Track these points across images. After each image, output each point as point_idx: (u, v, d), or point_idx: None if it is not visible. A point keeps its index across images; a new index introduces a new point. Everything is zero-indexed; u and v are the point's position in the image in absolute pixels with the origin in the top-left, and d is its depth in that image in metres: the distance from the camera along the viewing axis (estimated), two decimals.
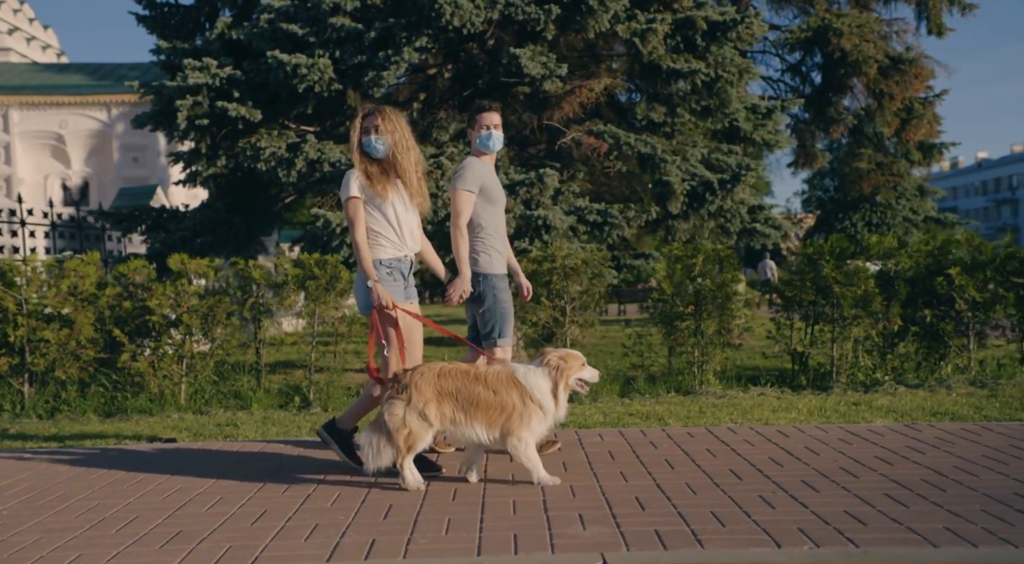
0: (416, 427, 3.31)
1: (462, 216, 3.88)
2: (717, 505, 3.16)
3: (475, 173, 3.93)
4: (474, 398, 3.37)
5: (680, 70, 7.68)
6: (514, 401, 3.37)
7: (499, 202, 4.04)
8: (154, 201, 15.84)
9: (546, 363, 3.47)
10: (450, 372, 3.43)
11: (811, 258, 6.89)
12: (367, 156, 3.64)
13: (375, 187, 3.58)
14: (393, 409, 3.34)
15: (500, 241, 4.02)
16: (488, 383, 3.40)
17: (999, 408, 5.36)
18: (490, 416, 3.37)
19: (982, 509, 3.01)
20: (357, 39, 7.07)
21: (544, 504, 3.23)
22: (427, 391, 3.35)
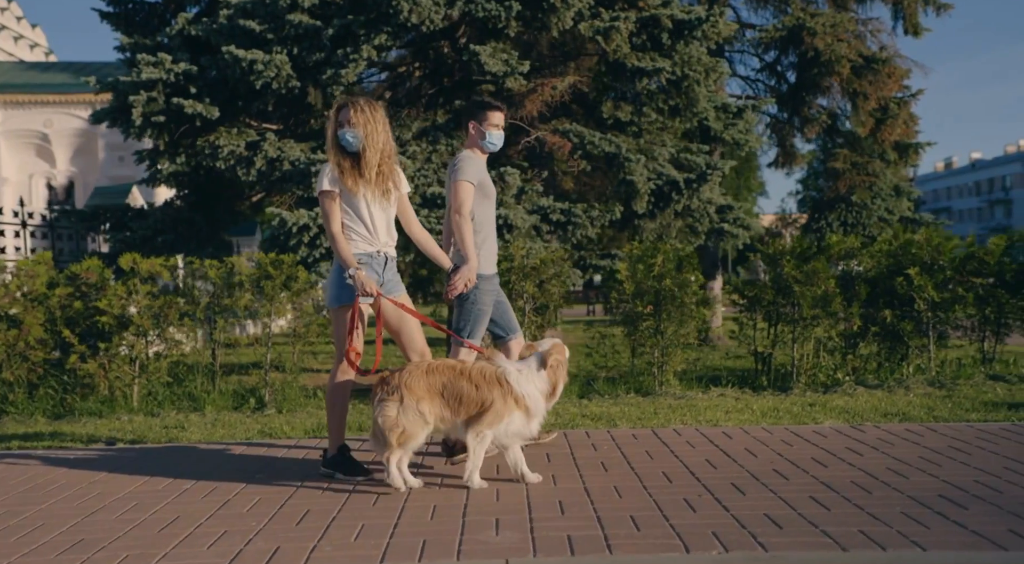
0: (410, 425, 3.28)
1: (465, 205, 3.83)
2: (639, 509, 3.11)
3: (475, 166, 3.90)
4: (459, 393, 3.35)
5: (645, 68, 7.64)
6: (493, 398, 3.34)
7: (491, 198, 4.00)
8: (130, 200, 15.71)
9: (546, 365, 3.45)
10: (438, 368, 3.40)
11: (772, 257, 6.86)
12: (342, 149, 3.60)
13: (345, 181, 3.54)
14: (386, 410, 3.31)
15: (492, 238, 3.97)
16: (472, 378, 3.37)
17: (951, 409, 5.34)
18: (470, 411, 3.35)
19: (902, 512, 2.98)
20: (316, 36, 7.00)
21: (465, 508, 3.17)
22: (418, 389, 3.32)
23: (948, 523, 2.85)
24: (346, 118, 3.56)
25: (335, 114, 3.60)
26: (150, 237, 7.96)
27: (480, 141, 3.95)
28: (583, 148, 7.66)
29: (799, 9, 11.90)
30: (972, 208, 63.81)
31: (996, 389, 6.06)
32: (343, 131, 3.57)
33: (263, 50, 6.91)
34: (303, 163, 7.07)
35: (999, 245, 6.67)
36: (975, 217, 61.85)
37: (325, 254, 7.00)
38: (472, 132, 3.98)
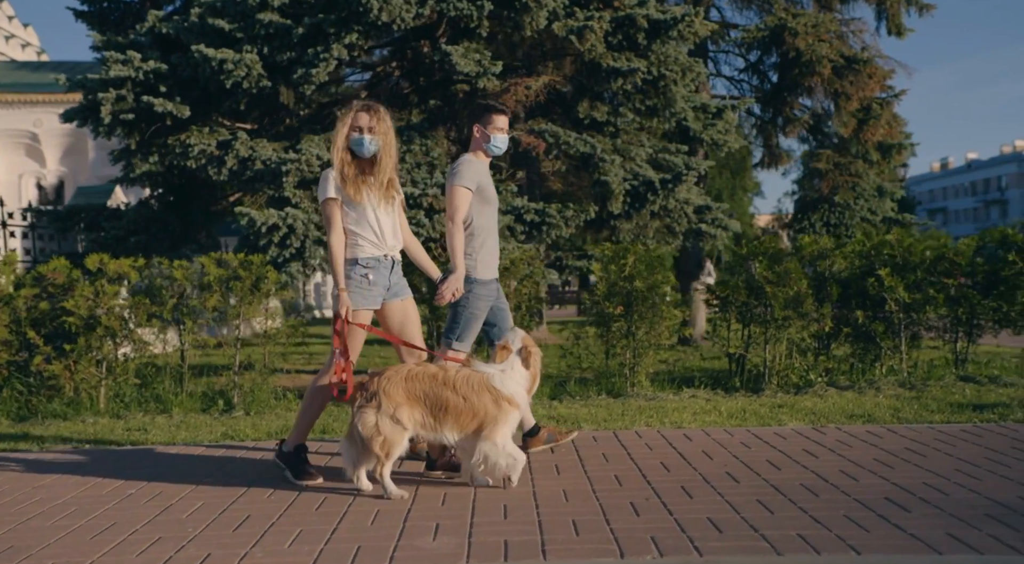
0: (390, 432, 3.24)
1: (459, 212, 3.80)
2: (583, 513, 3.08)
3: (473, 171, 3.84)
4: (443, 402, 3.31)
5: (620, 68, 7.61)
6: (487, 405, 3.32)
7: (492, 203, 3.95)
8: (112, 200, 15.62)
9: (526, 362, 3.46)
10: (418, 376, 3.36)
11: (744, 258, 6.85)
12: (351, 154, 3.55)
13: (348, 189, 3.51)
14: (364, 418, 3.27)
15: (492, 245, 3.93)
16: (457, 388, 3.34)
17: (916, 411, 5.32)
18: (461, 422, 3.32)
19: (845, 514, 2.95)
20: (286, 35, 6.95)
21: (408, 513, 3.14)
22: (396, 395, 3.28)
23: (888, 526, 2.83)
24: (366, 124, 3.52)
25: (351, 118, 3.54)
26: (123, 237, 7.90)
27: (485, 145, 3.92)
28: (558, 148, 7.63)
29: (781, 9, 11.91)
30: (968, 208, 63.95)
31: (965, 390, 6.05)
32: (361, 137, 3.53)
33: (233, 49, 6.86)
34: (274, 162, 7.02)
35: (970, 246, 6.66)
36: (971, 217, 61.99)
37: (295, 254, 6.96)
38: (476, 135, 3.93)
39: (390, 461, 3.30)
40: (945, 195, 68.66)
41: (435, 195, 7.06)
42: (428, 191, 7.06)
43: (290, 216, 6.72)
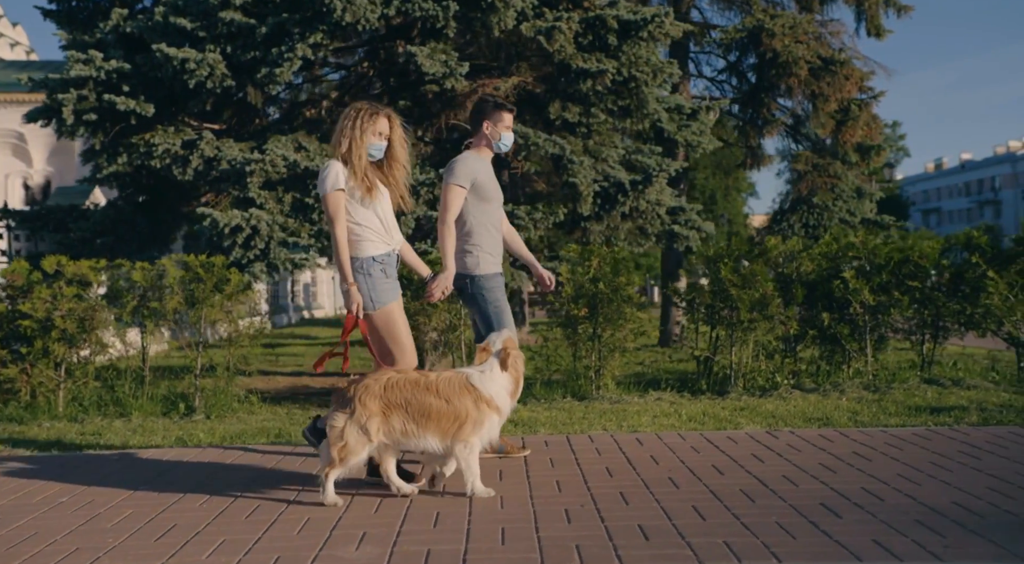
0: (353, 442, 3.18)
1: (450, 211, 3.75)
2: (515, 521, 3.04)
3: (468, 168, 3.79)
4: (425, 409, 3.24)
5: (589, 69, 7.58)
6: (468, 407, 3.26)
7: (493, 199, 3.89)
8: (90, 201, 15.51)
9: (505, 364, 3.39)
10: (398, 383, 3.29)
11: (711, 260, 6.83)
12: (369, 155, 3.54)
13: (361, 187, 3.47)
14: (334, 421, 3.22)
15: (492, 241, 3.87)
16: (440, 392, 3.28)
17: (874, 414, 5.31)
18: (443, 427, 3.25)
19: (777, 521, 2.93)
20: (249, 34, 6.89)
21: (337, 521, 3.10)
22: (372, 405, 3.21)
23: (816, 533, 2.80)
24: (384, 129, 3.52)
25: (370, 122, 3.50)
26: (89, 239, 7.82)
27: (495, 142, 3.89)
28: (527, 149, 7.59)
29: (760, 10, 11.90)
30: (962, 209, 64.14)
31: (928, 393, 6.04)
32: (380, 143, 3.52)
33: (196, 48, 6.80)
34: (240, 162, 6.96)
35: (935, 248, 6.66)
36: (964, 218, 62.17)
37: (259, 255, 6.91)
38: (486, 132, 3.88)
39: (342, 467, 3.24)
40: (939, 196, 68.89)
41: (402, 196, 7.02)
42: None
43: (254, 217, 6.67)
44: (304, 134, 7.59)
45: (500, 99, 4.12)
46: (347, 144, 3.51)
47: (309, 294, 32.82)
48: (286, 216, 6.93)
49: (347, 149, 3.51)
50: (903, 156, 55.22)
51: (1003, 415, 5.02)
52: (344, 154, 3.51)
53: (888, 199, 50.66)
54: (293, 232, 6.91)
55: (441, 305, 6.61)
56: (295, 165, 6.98)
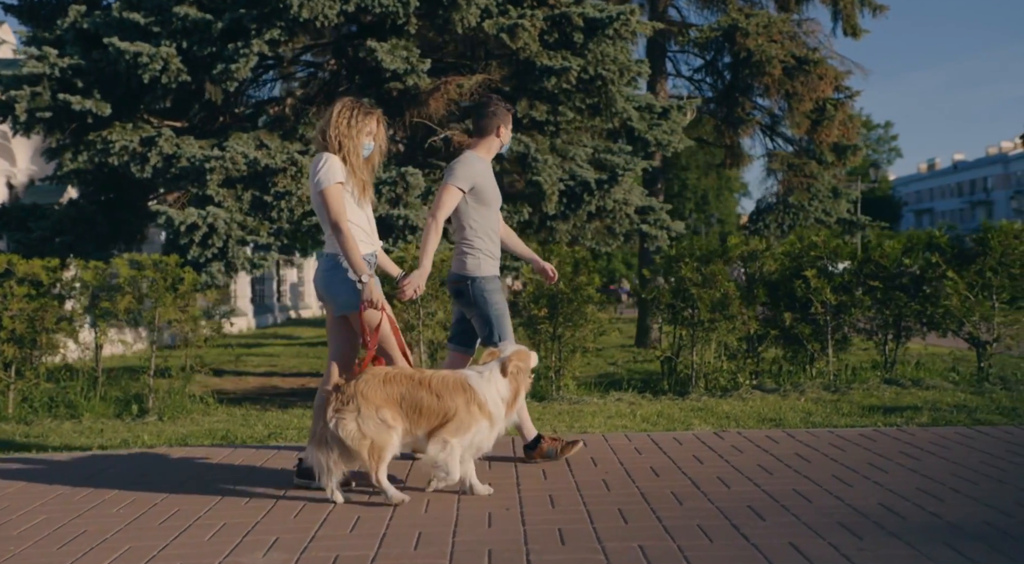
0: (376, 434, 3.09)
1: (442, 211, 3.68)
2: (433, 526, 2.98)
3: (470, 171, 3.71)
4: (417, 404, 3.17)
5: (553, 67, 7.53)
6: (457, 406, 3.18)
7: (493, 202, 3.83)
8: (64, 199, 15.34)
9: (506, 371, 3.30)
10: (395, 377, 3.22)
11: (673, 259, 6.79)
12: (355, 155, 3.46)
13: (356, 186, 3.41)
14: (346, 424, 3.10)
15: (492, 244, 3.81)
16: (432, 387, 3.20)
17: (828, 414, 5.28)
18: (431, 423, 3.18)
19: (698, 524, 2.88)
20: (205, 30, 6.80)
21: (254, 526, 3.03)
22: (375, 396, 3.14)
23: (735, 536, 2.75)
24: (374, 130, 3.49)
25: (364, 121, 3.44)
26: (49, 238, 7.71)
27: (504, 146, 3.89)
28: None
29: (736, 9, 11.89)
30: (954, 209, 64.35)
31: (886, 393, 6.02)
32: (371, 143, 3.48)
33: (151, 44, 6.70)
34: (199, 160, 6.87)
35: (896, 248, 6.63)
36: (957, 218, 62.34)
37: (217, 254, 6.81)
38: (499, 137, 3.84)
39: (383, 464, 3.13)
40: (932, 196, 69.11)
41: None
42: None
43: (211, 215, 6.58)
44: (266, 132, 7.50)
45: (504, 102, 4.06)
46: (342, 141, 3.41)
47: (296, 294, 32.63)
48: (245, 214, 6.84)
49: (341, 146, 3.42)
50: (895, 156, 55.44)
51: (953, 416, 5.00)
52: (335, 149, 3.42)
53: (880, 199, 50.91)
54: (252, 231, 6.82)
55: (399, 305, 6.54)
56: (256, 163, 6.89)
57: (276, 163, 6.78)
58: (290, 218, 6.89)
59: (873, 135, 54.16)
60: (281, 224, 6.89)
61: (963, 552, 2.55)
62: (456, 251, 3.81)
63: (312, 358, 13.66)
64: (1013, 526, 2.79)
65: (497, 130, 3.83)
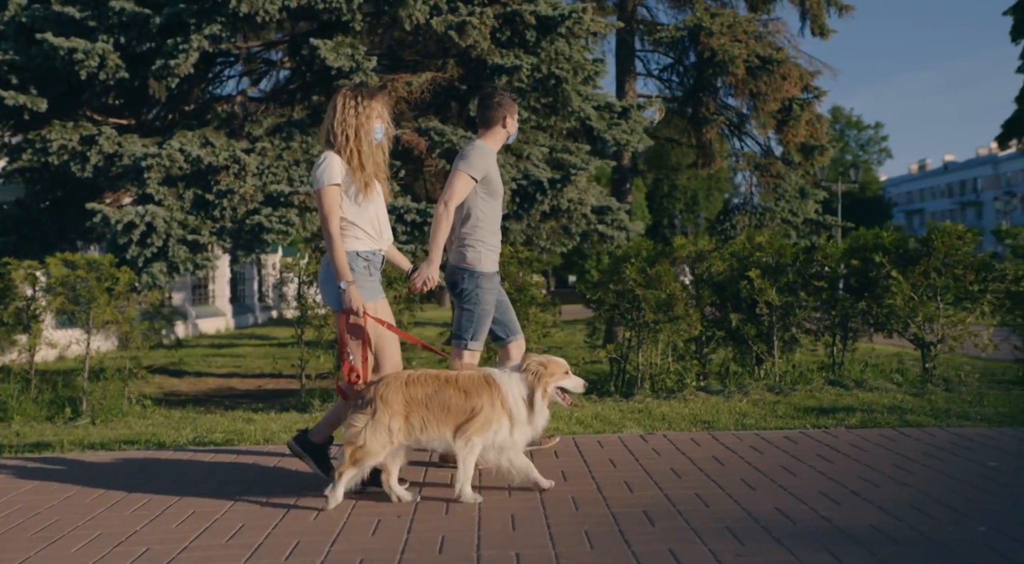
0: (372, 443, 3.04)
1: (454, 198, 3.57)
2: (315, 534, 2.90)
3: (485, 160, 3.62)
4: (445, 403, 3.13)
5: (503, 65, 7.46)
6: (483, 403, 3.14)
7: (498, 195, 3.74)
8: None
9: (524, 368, 3.25)
10: (419, 379, 3.17)
11: (619, 260, 6.73)
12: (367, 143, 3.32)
13: (359, 181, 3.27)
14: (355, 421, 3.09)
15: (495, 238, 3.72)
16: (460, 385, 3.16)
17: (762, 416, 5.24)
18: (459, 421, 3.13)
19: (586, 530, 2.82)
20: (143, 24, 6.68)
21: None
22: (394, 403, 3.09)
23: (617, 544, 2.70)
24: (382, 110, 3.36)
25: (372, 104, 3.31)
26: None
27: (511, 136, 3.80)
28: (441, 147, 7.45)
29: (702, 9, 11.86)
30: (945, 210, 64.68)
31: (828, 395, 5.98)
32: (382, 125, 3.35)
33: (88, 39, 6.57)
34: (139, 158, 6.75)
35: (840, 248, 6.61)
36: (947, 218, 62.65)
37: (157, 254, 6.70)
38: (506, 127, 3.75)
39: (356, 469, 3.08)
40: (922, 197, 69.44)
41: (307, 193, 6.85)
42: (300, 189, 6.84)
43: (149, 214, 6.46)
44: (213, 130, 7.39)
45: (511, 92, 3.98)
46: (353, 131, 3.26)
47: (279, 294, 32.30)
48: (187, 213, 6.73)
49: (350, 137, 3.27)
50: (885, 157, 55.66)
51: (884, 418, 4.96)
52: (342, 145, 3.27)
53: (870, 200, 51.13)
54: (194, 230, 6.71)
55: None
56: (198, 161, 6.78)
57: (219, 161, 6.67)
58: (233, 217, 6.79)
59: (863, 136, 54.40)
60: (224, 223, 6.78)
61: (840, 558, 2.51)
62: (457, 242, 3.70)
63: (280, 359, 13.52)
64: (899, 530, 2.75)
65: (503, 121, 3.74)
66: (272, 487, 3.51)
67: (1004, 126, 23.67)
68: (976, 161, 62.16)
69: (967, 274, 6.34)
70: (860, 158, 53.45)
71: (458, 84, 8.24)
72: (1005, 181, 57.82)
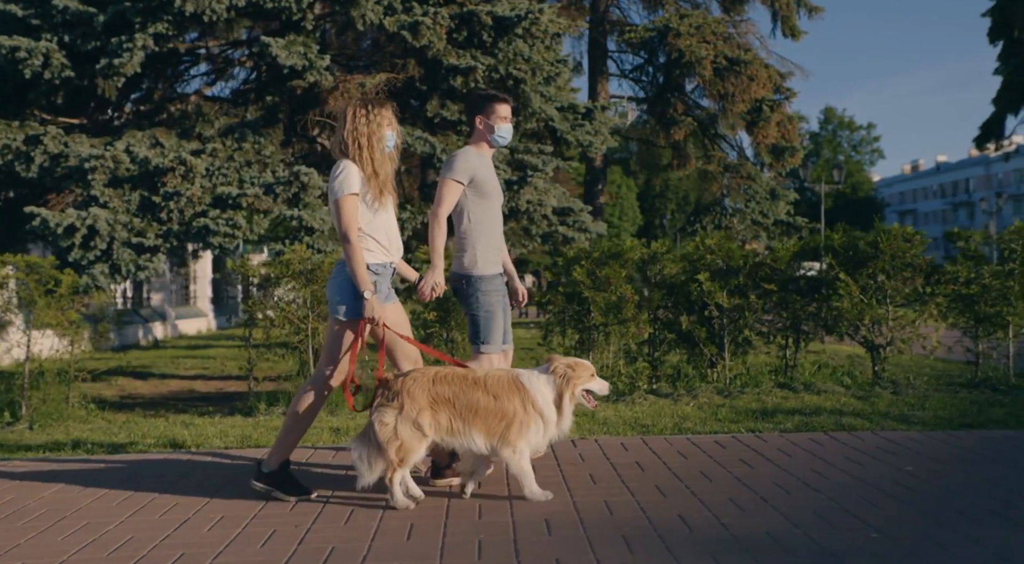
0: (408, 438, 3.03)
1: (443, 206, 3.57)
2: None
3: (468, 163, 3.60)
4: (473, 404, 3.11)
5: (458, 66, 7.41)
6: (515, 407, 3.12)
7: (493, 196, 3.70)
8: None
9: (552, 371, 3.22)
10: (446, 377, 3.15)
11: (570, 262, 6.69)
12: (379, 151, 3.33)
13: (376, 185, 3.29)
14: (383, 418, 3.06)
15: (492, 239, 3.69)
16: (488, 387, 3.14)
17: (702, 420, 5.20)
18: (489, 424, 3.11)
19: (480, 539, 2.76)
20: (88, 23, 6.59)
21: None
22: (421, 398, 3.07)
23: (509, 551, 2.65)
24: (391, 119, 3.39)
25: (383, 114, 3.34)
26: None
27: (489, 136, 3.71)
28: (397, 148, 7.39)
29: (672, 10, 11.87)
30: (937, 210, 64.86)
31: (774, 397, 5.95)
32: (392, 133, 3.37)
33: (32, 37, 6.47)
34: (83, 159, 6.65)
35: (789, 251, 6.59)
36: (940, 219, 62.82)
37: (101, 256, 6.60)
38: (480, 127, 3.71)
39: (404, 468, 3.08)
40: (915, 197, 69.58)
41: (256, 195, 6.77)
42: (248, 191, 6.76)
43: (91, 216, 6.36)
44: (164, 130, 7.30)
45: (492, 90, 3.99)
46: (364, 140, 3.28)
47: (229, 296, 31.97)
48: (132, 215, 6.64)
49: (362, 145, 3.28)
50: (877, 157, 55.81)
51: (820, 421, 4.94)
52: (356, 153, 3.29)
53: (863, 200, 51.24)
54: (139, 232, 6.62)
55: None
56: (146, 162, 6.69)
57: (165, 163, 6.58)
58: (181, 219, 6.70)
59: (856, 136, 54.55)
60: (171, 226, 6.70)
61: None
62: (456, 247, 3.72)
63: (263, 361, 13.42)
64: (793, 537, 2.71)
65: (478, 121, 3.72)
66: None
67: (982, 128, 23.83)
68: (968, 162, 62.37)
69: (915, 276, 6.33)
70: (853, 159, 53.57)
71: (419, 85, 8.19)
72: (997, 182, 58.11)
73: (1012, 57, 22.08)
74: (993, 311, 6.30)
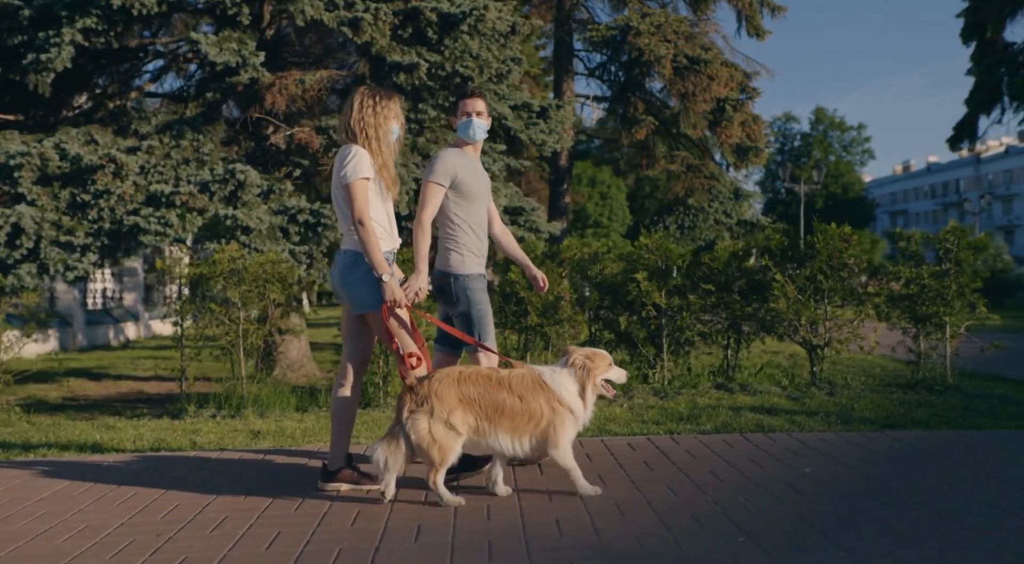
0: (444, 438, 3.07)
1: (427, 210, 3.56)
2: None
3: (447, 164, 3.58)
4: (498, 405, 3.13)
5: (401, 63, 7.31)
6: (542, 407, 3.15)
7: (476, 197, 3.67)
8: None
9: (571, 363, 3.24)
10: (471, 377, 3.17)
11: (508, 262, 6.61)
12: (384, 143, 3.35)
13: (385, 180, 3.32)
14: (417, 424, 3.08)
15: (476, 240, 3.66)
16: (513, 388, 3.16)
17: (626, 422, 5.13)
18: (516, 424, 3.13)
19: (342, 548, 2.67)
20: (13, 16, 6.44)
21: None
22: (449, 399, 3.10)
23: (365, 560, 2.55)
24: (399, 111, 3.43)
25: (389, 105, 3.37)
26: None
27: (458, 133, 3.71)
28: (336, 146, 7.28)
29: (634, 9, 11.82)
30: (928, 211, 65.20)
31: (709, 398, 5.90)
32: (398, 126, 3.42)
33: None
34: (10, 156, 6.49)
35: (727, 251, 6.55)
36: (931, 219, 63.16)
37: (28, 255, 6.45)
38: (454, 125, 3.74)
39: (444, 468, 3.11)
40: (906, 197, 69.90)
41: (190, 193, 6.64)
42: (183, 189, 6.63)
43: (16, 214, 6.22)
44: (99, 127, 7.16)
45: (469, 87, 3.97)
46: (371, 130, 3.30)
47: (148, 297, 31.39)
48: (61, 214, 6.50)
49: (368, 135, 3.30)
50: (868, 158, 56.06)
51: (740, 422, 4.89)
52: (365, 144, 3.30)
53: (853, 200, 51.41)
54: (69, 231, 6.48)
55: None
56: (78, 159, 6.55)
57: (95, 160, 6.44)
58: (112, 218, 6.56)
59: (847, 137, 54.78)
60: (102, 224, 6.55)
61: None
62: (440, 247, 3.70)
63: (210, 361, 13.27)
64: (660, 543, 2.65)
65: (453, 121, 3.76)
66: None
67: (956, 129, 23.95)
68: (959, 162, 62.74)
69: (852, 277, 6.30)
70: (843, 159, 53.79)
71: (369, 82, 8.08)
72: (987, 182, 58.55)
73: (984, 58, 22.23)
74: (931, 311, 6.28)
